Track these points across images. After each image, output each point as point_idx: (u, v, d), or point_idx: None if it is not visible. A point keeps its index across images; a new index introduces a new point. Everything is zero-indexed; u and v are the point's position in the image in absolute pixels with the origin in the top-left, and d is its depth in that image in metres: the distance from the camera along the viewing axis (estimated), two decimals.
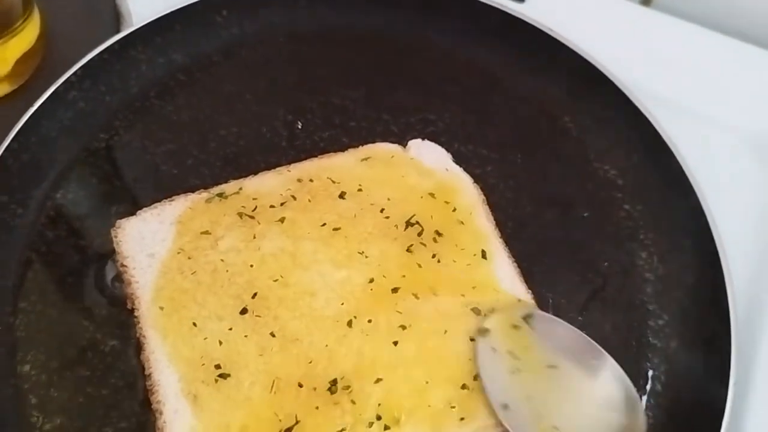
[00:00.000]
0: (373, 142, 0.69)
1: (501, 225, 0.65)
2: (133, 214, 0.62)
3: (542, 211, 0.68)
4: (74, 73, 0.67)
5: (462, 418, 0.54)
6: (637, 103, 0.70)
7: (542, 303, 0.62)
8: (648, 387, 0.61)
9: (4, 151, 0.63)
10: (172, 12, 0.72)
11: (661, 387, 0.61)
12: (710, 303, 0.63)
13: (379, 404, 0.54)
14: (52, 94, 0.66)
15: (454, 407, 0.54)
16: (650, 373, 0.62)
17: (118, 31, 0.78)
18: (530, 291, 0.61)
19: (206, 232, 0.60)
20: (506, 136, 0.72)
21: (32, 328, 0.59)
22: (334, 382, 0.54)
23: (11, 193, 0.63)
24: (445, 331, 0.57)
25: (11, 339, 0.58)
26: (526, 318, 0.58)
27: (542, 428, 0.52)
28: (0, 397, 0.56)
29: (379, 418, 0.53)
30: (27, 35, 0.74)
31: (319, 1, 0.75)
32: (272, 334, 0.56)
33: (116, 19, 0.79)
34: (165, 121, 0.70)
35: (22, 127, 0.64)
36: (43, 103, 0.65)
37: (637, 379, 0.61)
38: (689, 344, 0.63)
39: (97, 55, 0.69)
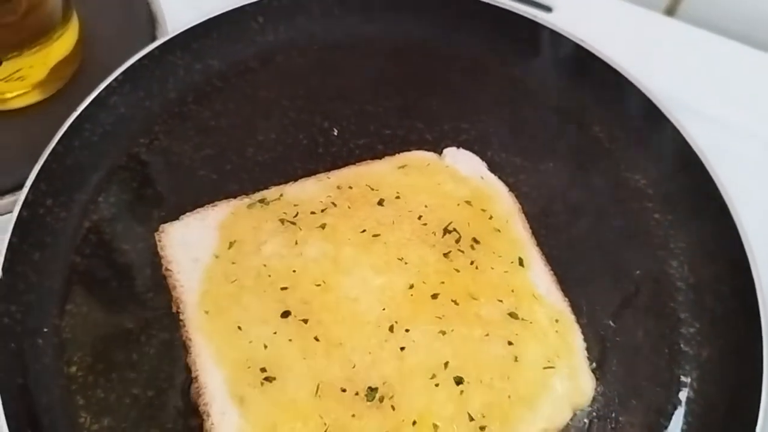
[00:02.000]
0: (408, 149, 0.70)
1: (534, 232, 0.66)
2: (173, 218, 0.63)
3: (574, 219, 0.69)
4: (115, 79, 0.69)
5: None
6: (666, 113, 0.72)
7: (576, 309, 0.63)
8: (681, 394, 0.62)
9: (49, 154, 0.64)
10: (209, 19, 0.73)
11: (693, 394, 0.62)
12: (741, 311, 0.64)
13: (420, 410, 0.55)
14: (94, 98, 0.67)
15: (493, 414, 0.55)
16: (683, 379, 0.63)
17: (153, 37, 0.80)
18: (566, 298, 0.63)
19: (249, 237, 0.61)
20: (538, 145, 0.73)
21: (78, 330, 0.60)
22: (375, 388, 0.55)
23: (55, 197, 0.64)
24: (486, 335, 0.58)
25: (58, 341, 0.59)
26: None
27: None
28: (49, 398, 0.57)
29: (414, 423, 0.54)
30: (66, 41, 0.75)
31: (353, 10, 0.76)
32: (316, 339, 0.57)
33: (152, 25, 0.81)
34: (203, 127, 0.71)
35: (66, 131, 0.65)
36: (85, 108, 0.67)
37: (670, 385, 0.62)
38: (721, 352, 0.64)
39: (137, 61, 0.70)
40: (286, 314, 0.58)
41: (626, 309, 0.66)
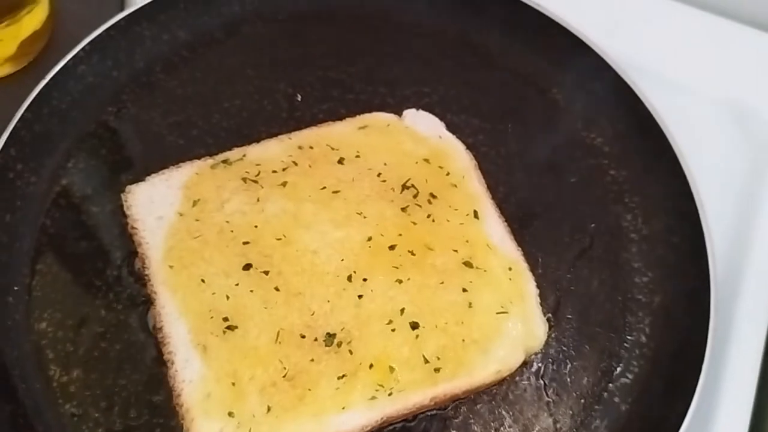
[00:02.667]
0: (370, 112, 0.72)
1: (493, 190, 0.68)
2: (141, 181, 0.65)
3: (532, 177, 0.72)
4: (83, 48, 0.70)
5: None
6: (622, 75, 0.74)
7: (532, 261, 0.65)
8: (632, 338, 0.64)
9: (18, 121, 0.66)
10: None
11: (645, 338, 0.65)
12: (691, 259, 0.66)
13: (377, 354, 0.57)
14: (62, 68, 0.69)
15: (447, 357, 0.58)
16: (635, 325, 0.65)
17: (121, 8, 0.82)
18: (520, 249, 0.65)
19: (212, 196, 0.63)
20: (497, 107, 0.75)
21: (48, 288, 0.62)
22: (333, 334, 0.58)
23: (25, 162, 0.66)
24: (441, 283, 0.60)
25: (29, 298, 0.61)
26: None
27: None
28: (19, 352, 0.59)
29: (371, 366, 0.57)
30: (36, 16, 0.77)
31: None
32: (276, 289, 0.59)
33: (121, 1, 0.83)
34: (170, 95, 0.73)
35: (34, 98, 0.67)
36: (53, 77, 0.68)
37: (623, 331, 0.65)
38: (672, 298, 0.66)
39: (104, 31, 0.72)
40: (247, 267, 0.60)
41: (581, 260, 0.68)
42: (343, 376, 0.56)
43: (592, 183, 0.72)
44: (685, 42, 0.86)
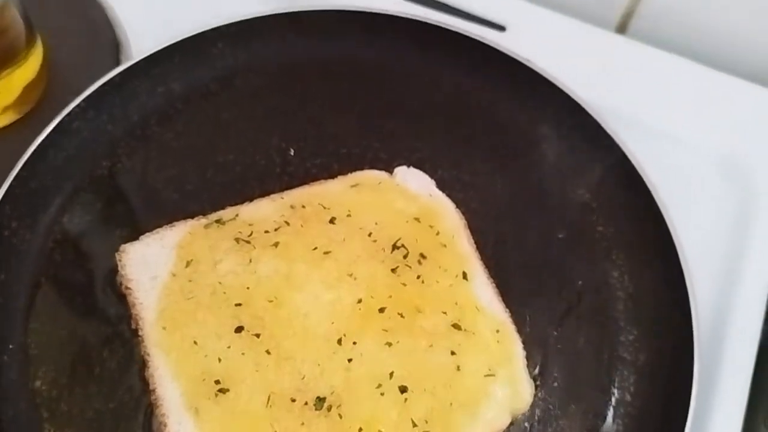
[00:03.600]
0: (362, 167, 0.73)
1: (481, 246, 0.70)
2: (136, 237, 0.66)
3: (521, 233, 0.73)
4: (78, 105, 0.71)
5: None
6: (608, 130, 0.75)
7: (520, 319, 0.67)
8: (618, 396, 0.66)
9: (13, 180, 0.66)
10: (170, 45, 0.76)
11: (630, 397, 0.66)
12: (676, 319, 0.67)
13: (366, 418, 0.58)
14: (57, 124, 0.70)
15: (435, 420, 0.59)
16: (620, 383, 0.66)
17: (117, 58, 0.83)
18: (508, 309, 0.66)
19: (205, 256, 0.64)
20: (487, 163, 0.76)
21: (43, 346, 0.63)
22: (324, 397, 0.59)
23: (20, 219, 0.67)
24: (430, 346, 0.61)
25: (24, 357, 0.62)
26: None
27: None
28: (15, 411, 0.60)
29: (360, 430, 0.57)
30: (31, 65, 0.78)
31: (308, 34, 0.79)
32: (268, 352, 0.60)
33: (116, 49, 0.83)
34: (165, 148, 0.74)
35: (29, 156, 0.68)
36: (49, 134, 0.69)
37: (608, 389, 0.66)
38: (657, 357, 0.67)
39: (100, 86, 0.73)
40: (239, 329, 0.61)
41: (568, 318, 0.69)
42: None
43: (581, 239, 0.73)
44: (674, 93, 0.87)
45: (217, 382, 0.59)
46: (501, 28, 0.90)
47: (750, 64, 0.93)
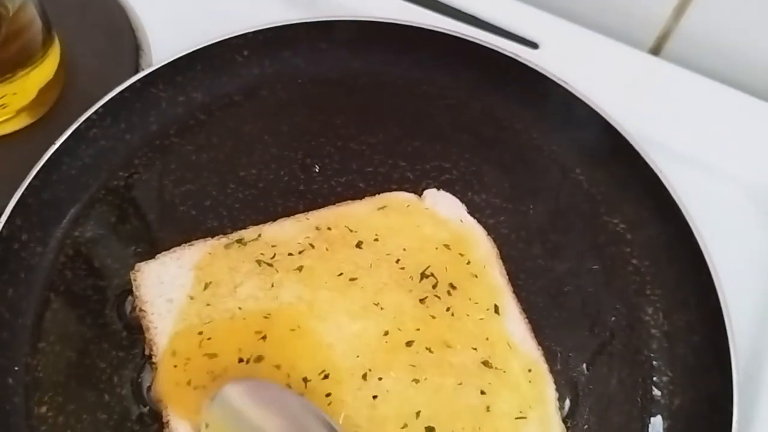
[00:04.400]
0: (389, 187, 0.70)
1: (512, 275, 0.66)
2: (151, 254, 0.63)
3: (552, 263, 0.70)
4: (96, 111, 0.68)
5: None
6: (648, 159, 0.72)
7: (550, 355, 0.64)
8: None
9: (25, 189, 0.63)
10: (192, 51, 0.73)
11: None
12: (713, 361, 0.64)
13: None
14: (73, 131, 0.67)
15: None
16: (653, 428, 0.63)
17: (136, 62, 0.79)
18: (539, 345, 0.63)
19: (225, 278, 0.61)
20: (519, 187, 0.73)
21: (50, 368, 0.60)
22: None
23: (31, 231, 0.64)
24: (459, 384, 0.58)
25: (30, 379, 0.59)
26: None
27: None
28: None
29: None
30: (48, 66, 0.75)
31: (339, 44, 0.76)
32: (289, 385, 0.57)
33: (135, 52, 0.80)
34: (184, 160, 0.71)
35: (43, 164, 0.65)
36: (64, 141, 0.66)
37: None
38: (692, 401, 0.64)
39: (118, 93, 0.69)
40: (259, 359, 0.57)
41: (600, 356, 0.66)
42: None
43: (614, 272, 0.70)
44: (711, 120, 0.84)
45: None
46: (534, 45, 0.87)
47: None
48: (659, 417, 0.63)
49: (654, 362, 0.66)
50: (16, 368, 0.59)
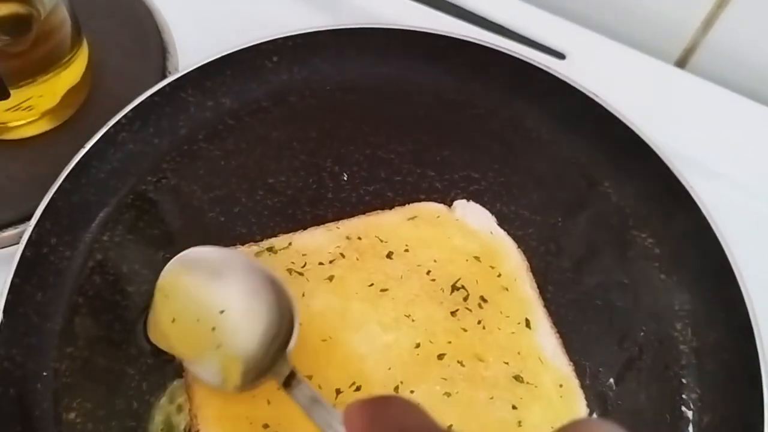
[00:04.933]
0: (417, 197, 0.70)
1: (541, 289, 0.66)
2: None
3: (581, 276, 0.69)
4: (125, 115, 0.68)
5: None
6: (677, 173, 0.72)
7: (579, 370, 0.63)
8: None
9: (55, 192, 0.63)
10: (222, 56, 0.72)
11: None
12: (743, 378, 0.64)
13: None
14: (103, 135, 0.66)
15: None
16: None
17: (163, 66, 0.79)
18: (571, 361, 0.62)
19: None
20: (547, 198, 0.72)
21: (79, 374, 0.59)
22: None
23: (60, 235, 0.63)
24: (491, 398, 0.58)
25: (58, 385, 0.58)
26: None
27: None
28: None
29: None
30: (76, 68, 0.74)
31: (369, 52, 0.76)
32: None
33: (162, 55, 0.80)
34: (213, 166, 0.70)
35: (73, 168, 0.64)
36: (93, 144, 0.66)
37: None
38: (722, 418, 0.64)
39: (148, 97, 0.69)
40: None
41: (629, 371, 0.65)
42: None
43: (644, 286, 0.69)
44: (738, 135, 0.84)
45: (266, 426, 0.55)
46: (561, 56, 0.87)
47: None
48: None
49: (683, 379, 0.66)
50: (45, 373, 0.59)
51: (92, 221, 0.65)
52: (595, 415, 0.63)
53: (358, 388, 0.57)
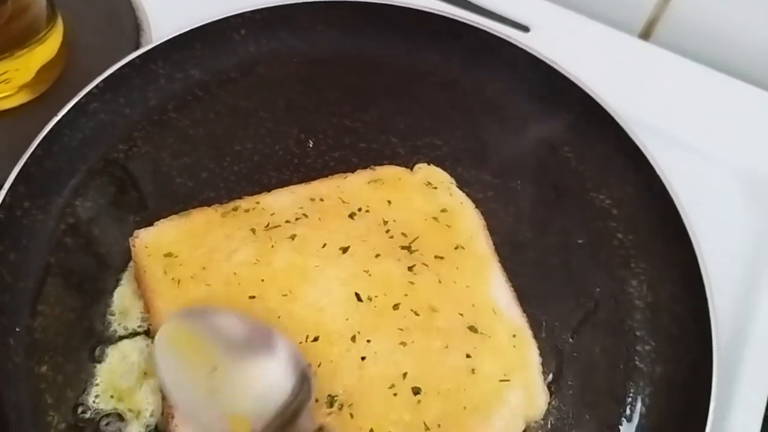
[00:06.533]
0: (381, 162, 0.72)
1: (499, 248, 0.68)
2: (150, 224, 0.65)
3: (540, 237, 0.72)
4: (96, 86, 0.70)
5: None
6: (633, 137, 0.74)
7: (535, 324, 0.65)
8: (634, 409, 0.64)
9: (28, 158, 0.65)
10: (191, 30, 0.75)
11: (645, 409, 0.64)
12: (695, 332, 0.66)
13: (377, 418, 0.57)
14: (74, 105, 0.69)
15: (447, 424, 0.57)
16: (636, 395, 0.65)
17: (137, 41, 0.81)
18: (524, 312, 0.65)
19: (221, 245, 0.63)
20: (508, 163, 0.75)
21: (50, 330, 0.62)
22: (335, 396, 0.57)
23: (33, 199, 0.66)
24: (445, 347, 0.60)
25: (30, 340, 0.61)
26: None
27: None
28: (18, 396, 0.59)
29: (371, 431, 0.56)
30: (51, 44, 0.77)
31: (335, 25, 0.78)
32: None
33: (136, 31, 0.82)
34: (182, 135, 0.73)
35: (45, 135, 0.67)
36: (66, 113, 0.68)
37: (624, 400, 0.65)
38: (674, 370, 0.66)
39: (118, 69, 0.72)
40: None
41: (585, 325, 0.68)
42: None
43: (600, 246, 0.72)
44: (700, 104, 0.86)
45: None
46: (525, 28, 0.89)
47: None
48: (641, 383, 0.65)
49: (637, 332, 0.68)
50: (17, 329, 0.61)
51: (65, 187, 0.68)
52: (552, 366, 0.65)
53: (316, 339, 0.59)
